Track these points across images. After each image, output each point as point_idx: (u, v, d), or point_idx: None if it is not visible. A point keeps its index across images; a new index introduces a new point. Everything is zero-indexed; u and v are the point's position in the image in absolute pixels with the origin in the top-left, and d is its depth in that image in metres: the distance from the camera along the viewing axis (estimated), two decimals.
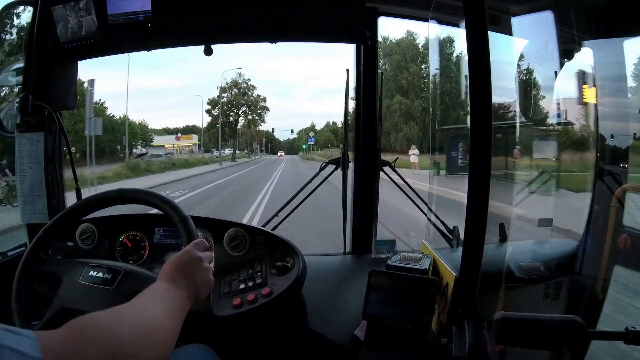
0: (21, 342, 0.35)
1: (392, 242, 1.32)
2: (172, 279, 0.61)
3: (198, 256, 0.66)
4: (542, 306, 1.02)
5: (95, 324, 0.43)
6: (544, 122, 1.36)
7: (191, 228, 0.78)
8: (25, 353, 0.34)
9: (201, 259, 0.66)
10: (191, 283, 0.62)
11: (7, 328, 0.36)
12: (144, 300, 0.54)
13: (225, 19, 1.19)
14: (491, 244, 1.22)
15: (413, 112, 25.81)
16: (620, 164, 1.14)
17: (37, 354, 0.35)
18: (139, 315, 0.49)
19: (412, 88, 26.22)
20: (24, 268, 0.78)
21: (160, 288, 0.58)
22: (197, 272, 0.64)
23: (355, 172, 1.39)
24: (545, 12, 1.11)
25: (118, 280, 0.74)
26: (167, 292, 0.58)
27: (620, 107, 1.22)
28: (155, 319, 0.50)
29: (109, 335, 0.42)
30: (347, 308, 1.04)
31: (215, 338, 0.91)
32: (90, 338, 0.41)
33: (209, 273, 0.67)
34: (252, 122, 35.15)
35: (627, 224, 1.06)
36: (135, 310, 0.50)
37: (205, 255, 0.68)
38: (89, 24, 1.12)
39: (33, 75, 1.17)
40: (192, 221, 0.80)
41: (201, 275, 0.65)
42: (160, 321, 0.51)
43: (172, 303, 0.56)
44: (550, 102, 1.32)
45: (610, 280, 1.04)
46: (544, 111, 1.33)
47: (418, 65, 26.38)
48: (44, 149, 1.18)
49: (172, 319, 0.53)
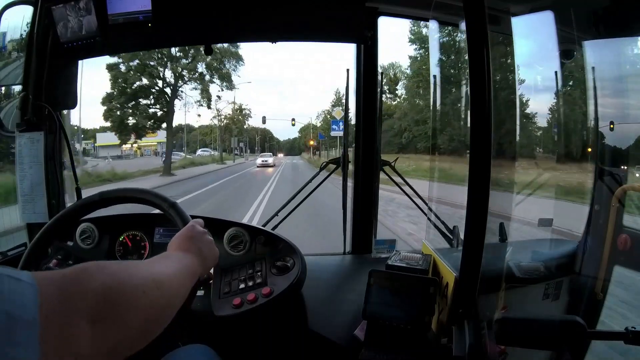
0: (19, 274, 0.34)
1: (392, 242, 1.32)
2: (182, 248, 0.64)
3: (201, 230, 0.71)
4: (542, 306, 1.02)
5: (97, 268, 0.41)
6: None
7: (182, 211, 0.82)
8: (21, 279, 0.33)
9: (205, 232, 0.71)
10: (200, 252, 0.65)
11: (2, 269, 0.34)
12: (154, 260, 0.55)
13: (225, 19, 1.19)
14: (491, 244, 1.22)
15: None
16: (620, 164, 1.14)
17: (32, 280, 0.34)
18: (146, 269, 0.49)
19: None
20: (24, 268, 0.78)
21: (172, 254, 0.61)
22: (204, 243, 0.68)
23: (355, 172, 1.39)
24: (545, 12, 1.11)
25: None
26: (179, 257, 0.60)
27: (620, 107, 1.22)
28: (163, 276, 0.50)
29: (110, 277, 0.41)
30: (347, 308, 1.04)
31: (215, 338, 0.91)
32: (91, 274, 0.39)
33: (214, 245, 0.71)
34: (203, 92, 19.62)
35: (627, 224, 1.06)
36: (142, 264, 0.51)
37: (206, 230, 0.72)
38: (89, 24, 1.12)
39: (33, 75, 1.18)
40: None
41: (207, 246, 0.69)
42: (169, 278, 0.51)
43: (183, 265, 0.58)
44: (551, 102, 1.32)
45: (610, 280, 1.04)
46: (544, 111, 1.33)
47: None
48: (44, 149, 1.18)
49: (181, 279, 0.54)
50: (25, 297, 0.32)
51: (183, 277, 0.55)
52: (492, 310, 0.81)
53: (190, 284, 0.58)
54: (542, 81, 1.28)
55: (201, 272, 0.64)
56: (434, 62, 1.92)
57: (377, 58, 1.34)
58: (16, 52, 1.30)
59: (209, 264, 0.69)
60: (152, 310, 0.45)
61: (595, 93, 1.16)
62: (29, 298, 0.33)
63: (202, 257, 0.65)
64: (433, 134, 3.36)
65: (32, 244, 0.81)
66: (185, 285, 0.55)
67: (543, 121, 1.45)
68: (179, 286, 0.53)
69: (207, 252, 0.68)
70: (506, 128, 1.00)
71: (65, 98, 1.28)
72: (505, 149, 1.00)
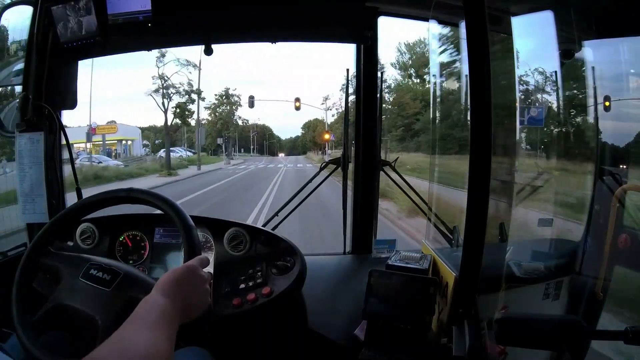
0: None
1: (392, 242, 1.32)
2: (168, 293, 0.59)
3: (200, 276, 0.65)
4: (542, 306, 1.02)
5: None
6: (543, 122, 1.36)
7: (195, 240, 0.76)
8: None
9: (204, 279, 0.65)
10: (187, 300, 0.60)
11: None
12: (144, 322, 0.52)
13: (225, 19, 1.19)
14: (491, 244, 1.22)
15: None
16: (620, 164, 1.14)
17: None
18: (142, 348, 0.48)
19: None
20: (24, 267, 0.78)
21: (154, 306, 0.56)
22: (196, 292, 0.63)
23: (355, 172, 1.39)
24: (545, 12, 1.11)
25: (116, 283, 0.74)
26: (160, 312, 0.55)
27: (621, 106, 1.22)
28: (156, 349, 0.49)
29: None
30: (347, 308, 1.05)
31: (215, 338, 0.91)
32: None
33: (208, 295, 0.66)
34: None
35: (627, 224, 1.06)
36: (137, 340, 0.49)
37: (207, 276, 0.67)
38: (88, 24, 1.12)
39: (33, 75, 1.17)
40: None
41: (199, 296, 0.63)
42: (160, 350, 0.49)
43: (169, 324, 0.54)
44: (550, 102, 1.32)
45: (610, 280, 1.04)
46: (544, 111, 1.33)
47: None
48: (44, 149, 1.18)
49: (169, 343, 0.52)
50: None
51: (171, 342, 0.53)
52: (492, 310, 0.81)
53: (172, 343, 0.54)
54: (542, 81, 1.28)
55: (181, 321, 0.58)
56: (434, 61, 1.92)
57: (377, 58, 1.34)
58: (16, 52, 1.30)
59: (194, 315, 0.62)
60: None
61: (595, 93, 1.16)
62: None
63: (188, 306, 0.60)
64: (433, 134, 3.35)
65: (33, 242, 0.82)
66: (171, 349, 0.52)
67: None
68: (166, 352, 0.51)
69: (196, 302, 0.62)
70: (506, 128, 1.00)
71: (65, 98, 1.28)
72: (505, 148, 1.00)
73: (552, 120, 1.36)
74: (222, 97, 23.76)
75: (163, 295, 0.58)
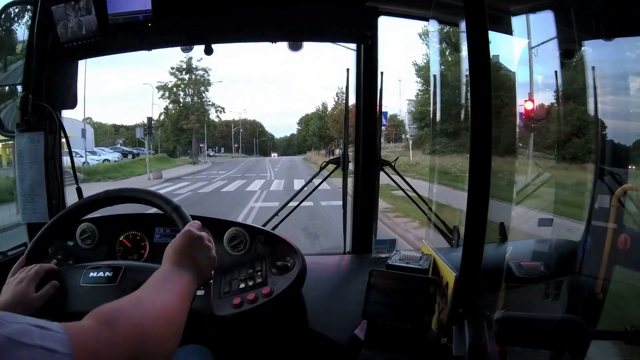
0: (52, 337, 0.35)
1: (392, 242, 1.32)
2: (177, 262, 0.62)
3: (197, 235, 0.68)
4: (542, 306, 1.02)
5: (123, 317, 0.44)
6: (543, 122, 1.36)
7: (184, 214, 0.80)
8: (56, 350, 0.34)
9: (201, 237, 0.68)
10: (195, 263, 0.64)
11: (35, 323, 0.36)
12: (157, 285, 0.56)
13: (225, 19, 1.19)
14: (491, 243, 1.22)
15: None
16: (620, 164, 1.14)
17: (68, 350, 0.35)
18: (157, 303, 0.50)
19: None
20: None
21: (169, 272, 0.60)
22: (200, 251, 0.66)
23: (355, 172, 1.39)
24: (545, 11, 1.11)
25: (120, 276, 0.75)
26: (176, 276, 0.59)
27: (621, 106, 1.22)
28: (170, 305, 0.52)
29: (136, 328, 0.44)
30: (347, 308, 1.05)
31: (215, 337, 0.91)
32: (119, 332, 0.41)
33: (211, 250, 0.69)
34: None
35: (627, 224, 1.06)
36: (151, 297, 0.52)
37: (204, 233, 0.70)
38: (89, 24, 1.12)
39: (33, 75, 1.18)
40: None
41: (204, 253, 0.67)
42: (175, 306, 0.52)
43: (181, 286, 0.58)
44: (550, 102, 1.32)
45: (610, 280, 1.04)
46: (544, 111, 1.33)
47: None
48: (44, 149, 1.18)
49: (183, 302, 0.55)
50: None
51: (185, 302, 0.56)
52: (492, 309, 0.81)
53: (189, 303, 0.58)
54: (542, 81, 1.28)
55: (197, 285, 0.63)
56: (434, 61, 1.92)
57: (377, 58, 1.34)
58: (15, 52, 1.30)
59: (206, 273, 0.67)
60: (168, 341, 0.48)
61: (595, 92, 1.16)
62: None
63: (198, 268, 0.64)
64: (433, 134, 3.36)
65: (33, 241, 0.82)
66: (187, 309, 0.56)
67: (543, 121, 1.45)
68: (184, 314, 0.54)
69: (204, 261, 0.66)
70: (506, 128, 1.00)
71: (65, 98, 1.28)
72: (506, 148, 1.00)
73: (552, 120, 1.36)
74: (181, 71, 17.29)
75: (172, 265, 0.62)
